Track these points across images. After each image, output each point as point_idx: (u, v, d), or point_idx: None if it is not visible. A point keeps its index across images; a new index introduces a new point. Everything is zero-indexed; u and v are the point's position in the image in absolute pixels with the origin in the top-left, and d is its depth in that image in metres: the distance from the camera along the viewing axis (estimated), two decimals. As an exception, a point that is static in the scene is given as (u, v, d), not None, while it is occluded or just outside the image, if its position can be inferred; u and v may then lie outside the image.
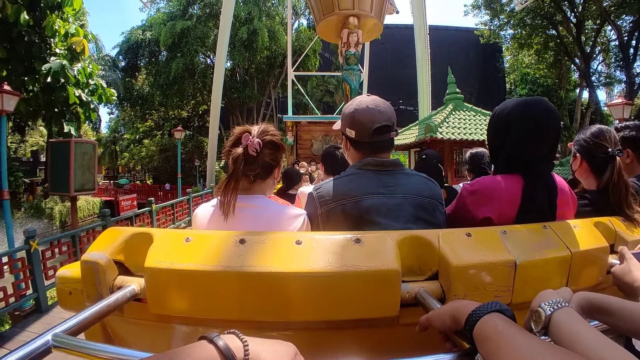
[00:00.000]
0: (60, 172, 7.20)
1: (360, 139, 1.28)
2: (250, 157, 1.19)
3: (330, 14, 5.83)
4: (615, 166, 1.39)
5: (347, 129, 1.31)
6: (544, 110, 1.19)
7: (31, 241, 5.01)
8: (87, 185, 7.63)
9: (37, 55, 11.02)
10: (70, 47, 12.07)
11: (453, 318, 0.63)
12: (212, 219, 1.21)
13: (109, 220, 6.91)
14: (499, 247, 0.91)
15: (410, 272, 0.91)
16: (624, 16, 21.35)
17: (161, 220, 9.68)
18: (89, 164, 7.64)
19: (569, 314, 0.58)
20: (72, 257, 5.97)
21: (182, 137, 16.01)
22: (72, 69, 11.23)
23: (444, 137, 9.38)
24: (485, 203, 1.20)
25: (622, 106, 9.26)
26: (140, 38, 30.63)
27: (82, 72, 11.89)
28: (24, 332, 4.57)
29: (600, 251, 1.06)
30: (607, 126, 1.54)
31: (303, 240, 0.86)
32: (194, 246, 0.86)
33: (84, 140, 8.09)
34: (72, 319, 0.70)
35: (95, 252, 0.92)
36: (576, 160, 1.55)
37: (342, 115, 1.35)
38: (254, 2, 28.05)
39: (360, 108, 1.27)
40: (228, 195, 1.16)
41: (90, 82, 12.51)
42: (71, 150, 7.05)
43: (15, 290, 4.90)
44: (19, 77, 11.21)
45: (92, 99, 12.75)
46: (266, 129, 1.28)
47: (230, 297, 0.80)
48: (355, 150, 1.33)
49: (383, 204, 1.15)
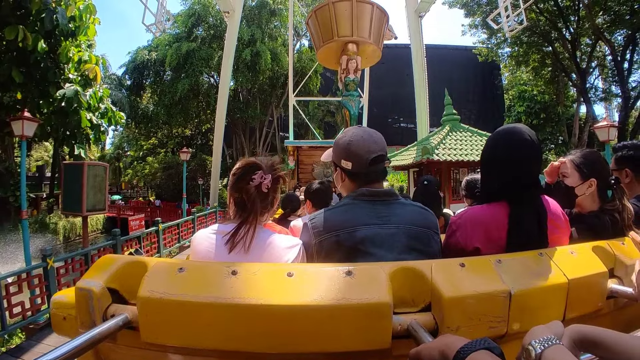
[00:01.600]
0: (74, 193, 7.52)
1: (357, 170, 1.28)
2: (263, 194, 1.23)
3: (330, 41, 5.91)
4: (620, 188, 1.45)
5: (343, 161, 1.30)
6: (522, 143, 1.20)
7: (48, 259, 5.36)
8: (98, 206, 7.91)
9: (51, 80, 11.73)
10: (83, 74, 12.82)
11: (442, 354, 0.63)
12: (214, 247, 1.20)
13: (119, 240, 7.15)
14: (493, 276, 0.91)
15: (403, 303, 0.90)
16: (618, 32, 21.57)
17: (167, 240, 9.90)
18: (101, 186, 7.95)
19: (559, 351, 0.57)
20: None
21: (188, 158, 16.28)
22: (84, 95, 11.89)
23: (440, 158, 9.57)
24: (472, 234, 1.21)
25: (607, 128, 9.48)
26: (146, 58, 31.33)
27: (93, 96, 12.54)
28: (40, 345, 4.80)
29: (599, 276, 1.04)
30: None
31: (295, 272, 0.87)
32: (187, 277, 0.87)
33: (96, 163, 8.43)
34: (65, 345, 0.71)
35: (89, 280, 0.93)
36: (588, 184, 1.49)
37: (336, 147, 1.36)
38: (257, 25, 28.71)
39: (355, 139, 1.28)
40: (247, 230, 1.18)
41: (100, 106, 13.14)
42: (84, 173, 7.37)
43: (32, 304, 5.20)
44: (33, 101, 11.92)
45: (102, 121, 13.37)
46: (274, 164, 1.30)
47: (222, 328, 0.80)
48: (350, 182, 1.33)
49: (377, 234, 1.15)
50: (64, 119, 12.12)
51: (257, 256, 1.16)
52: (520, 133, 1.21)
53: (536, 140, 1.21)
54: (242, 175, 1.24)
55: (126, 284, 0.95)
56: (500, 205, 1.22)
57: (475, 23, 27.26)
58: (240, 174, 1.25)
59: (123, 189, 41.77)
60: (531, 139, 1.20)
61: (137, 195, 38.95)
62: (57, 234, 19.87)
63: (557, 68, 25.72)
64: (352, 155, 1.28)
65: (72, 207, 7.84)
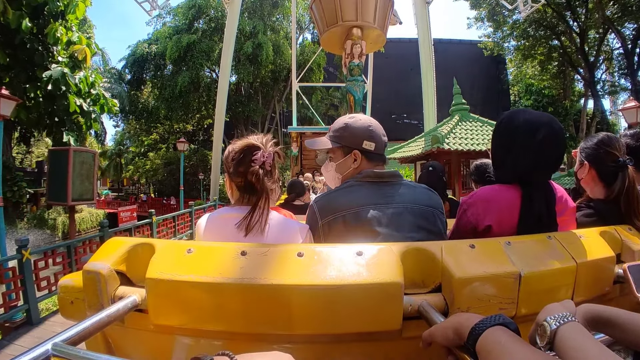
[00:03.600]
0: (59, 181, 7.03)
1: (379, 150, 1.32)
2: (268, 172, 1.22)
3: (334, 26, 5.85)
4: (626, 175, 1.37)
5: (366, 142, 1.31)
6: (551, 132, 1.16)
7: (23, 250, 4.83)
8: (85, 195, 7.43)
9: (39, 63, 10.78)
10: (72, 56, 11.94)
11: (456, 332, 0.62)
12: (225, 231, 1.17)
13: (106, 232, 6.72)
14: (503, 258, 0.90)
15: (413, 284, 0.90)
16: (627, 24, 21.38)
17: (162, 233, 9.45)
18: (88, 173, 7.45)
19: (575, 328, 0.57)
20: (67, 268, 5.72)
21: (186, 150, 15.98)
22: (73, 77, 11.04)
23: (450, 147, 9.30)
24: (484, 212, 1.20)
25: (635, 109, 8.43)
26: (146, 51, 31.07)
27: (84, 80, 11.64)
28: (11, 346, 4.27)
29: (606, 261, 1.04)
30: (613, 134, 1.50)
31: (305, 252, 0.86)
32: (196, 258, 0.86)
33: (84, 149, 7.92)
34: (73, 328, 0.69)
35: (97, 262, 0.92)
36: (583, 168, 1.50)
37: (352, 129, 1.33)
38: (259, 17, 28.58)
39: (373, 123, 1.34)
40: (262, 212, 1.16)
41: (92, 92, 12.43)
42: (70, 159, 6.89)
43: (5, 300, 4.67)
44: (20, 85, 11.00)
45: (93, 108, 12.64)
46: (268, 140, 1.28)
47: (231, 309, 0.80)
48: (368, 162, 1.33)
49: (383, 214, 1.16)
50: (52, 103, 11.12)
51: (273, 238, 1.15)
52: (550, 123, 1.17)
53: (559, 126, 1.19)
54: (242, 159, 1.21)
55: (133, 266, 0.96)
56: (512, 186, 1.22)
57: (481, 16, 27.36)
58: (239, 158, 1.21)
59: (125, 185, 41.71)
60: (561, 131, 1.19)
61: (139, 192, 38.75)
62: (55, 230, 19.47)
63: (564, 62, 25.51)
64: (375, 136, 1.32)
65: (57, 196, 7.36)
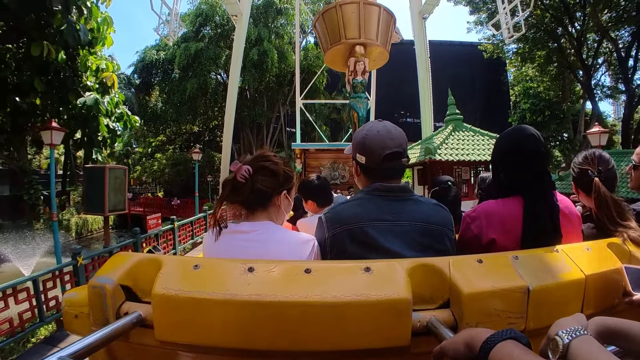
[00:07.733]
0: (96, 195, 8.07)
1: (370, 165, 1.26)
2: (239, 183, 1.18)
3: (337, 43, 5.84)
4: (593, 187, 1.42)
5: (358, 155, 1.29)
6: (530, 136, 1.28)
7: (78, 257, 5.91)
8: (119, 206, 8.45)
9: (70, 88, 12.73)
10: (101, 81, 13.89)
11: (467, 346, 0.62)
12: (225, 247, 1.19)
13: (139, 238, 7.67)
14: (511, 272, 0.90)
15: (421, 300, 0.89)
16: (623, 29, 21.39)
17: (181, 236, 10.34)
18: (120, 187, 8.49)
19: (587, 342, 0.56)
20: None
21: (200, 160, 16.37)
22: (103, 103, 12.80)
23: (442, 158, 9.76)
24: (488, 226, 1.22)
25: (598, 134, 10.35)
26: (154, 58, 31.67)
27: (110, 102, 13.41)
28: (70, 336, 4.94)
29: (615, 273, 1.04)
30: (595, 148, 1.60)
31: (312, 268, 0.85)
32: (203, 274, 0.86)
33: (116, 167, 8.98)
34: (78, 343, 0.70)
35: (102, 277, 0.91)
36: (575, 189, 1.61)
37: (353, 141, 1.35)
38: (264, 24, 28.77)
39: (371, 134, 1.26)
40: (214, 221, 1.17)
41: (116, 110, 13.92)
42: (106, 176, 7.91)
43: (65, 299, 5.67)
44: (54, 108, 12.74)
45: (117, 124, 14.13)
46: (261, 155, 1.26)
47: (238, 325, 0.79)
48: (364, 176, 1.31)
49: (389, 230, 1.14)
50: (84, 125, 13.00)
51: (274, 253, 1.14)
52: (527, 129, 1.31)
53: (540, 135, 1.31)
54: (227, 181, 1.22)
55: (139, 281, 0.95)
56: (515, 199, 1.25)
57: (481, 20, 26.80)
58: (225, 181, 1.23)
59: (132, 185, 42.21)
60: (537, 134, 1.29)
61: (146, 192, 39.39)
62: (69, 231, 20.51)
63: (563, 65, 25.51)
64: (367, 149, 1.26)
65: (95, 208, 8.37)
